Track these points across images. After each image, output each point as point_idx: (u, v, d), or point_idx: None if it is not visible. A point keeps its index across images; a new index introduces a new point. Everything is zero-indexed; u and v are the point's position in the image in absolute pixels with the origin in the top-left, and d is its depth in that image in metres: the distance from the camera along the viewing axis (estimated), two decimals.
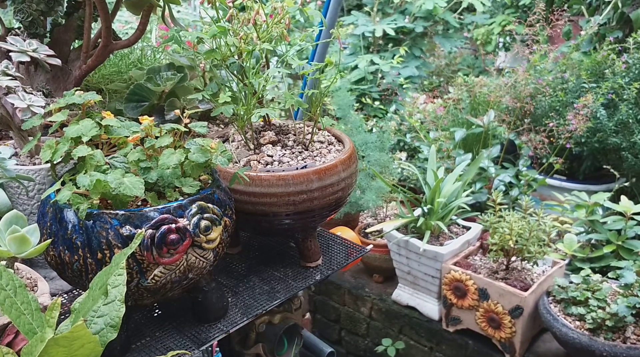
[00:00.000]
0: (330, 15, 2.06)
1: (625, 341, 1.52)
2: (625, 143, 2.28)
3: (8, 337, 0.83)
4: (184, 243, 0.89)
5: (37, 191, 1.10)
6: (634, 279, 1.59)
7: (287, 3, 1.13)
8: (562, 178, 2.56)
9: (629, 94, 2.28)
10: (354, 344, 2.43)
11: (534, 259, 1.78)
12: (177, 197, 0.94)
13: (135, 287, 0.91)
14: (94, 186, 0.88)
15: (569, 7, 3.05)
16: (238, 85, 1.16)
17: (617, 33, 2.73)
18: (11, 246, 0.91)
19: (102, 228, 0.87)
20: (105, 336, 0.76)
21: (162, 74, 1.34)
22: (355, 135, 2.34)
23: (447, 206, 1.99)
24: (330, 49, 3.59)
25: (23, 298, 0.75)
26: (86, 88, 1.35)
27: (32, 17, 1.19)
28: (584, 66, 2.52)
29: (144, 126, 0.97)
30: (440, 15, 3.89)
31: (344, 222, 2.35)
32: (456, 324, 1.96)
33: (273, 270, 1.24)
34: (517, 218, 1.78)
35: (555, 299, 1.70)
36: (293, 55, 1.18)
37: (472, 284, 1.83)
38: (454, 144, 2.45)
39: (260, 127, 1.28)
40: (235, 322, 1.07)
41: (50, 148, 0.95)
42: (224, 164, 0.98)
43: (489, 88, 2.61)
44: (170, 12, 1.30)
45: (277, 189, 1.09)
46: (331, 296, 2.47)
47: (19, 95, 1.04)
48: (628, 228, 1.87)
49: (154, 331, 1.05)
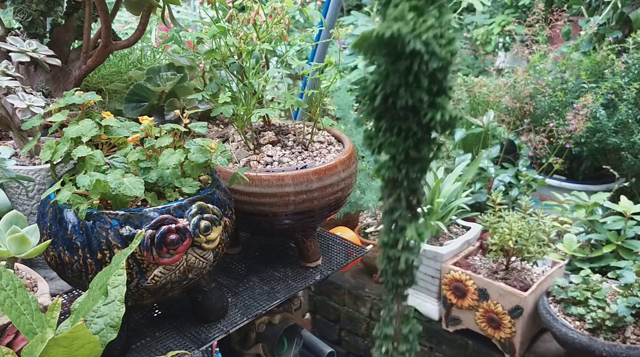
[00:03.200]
0: (329, 16, 2.06)
1: (625, 341, 1.53)
2: (624, 143, 2.28)
3: (8, 337, 0.83)
4: (183, 243, 0.89)
5: (37, 191, 1.10)
6: (633, 279, 1.59)
7: (286, 3, 1.13)
8: (562, 178, 2.56)
9: (628, 94, 2.28)
10: (354, 344, 2.43)
11: (533, 259, 1.78)
12: (177, 197, 0.94)
13: (135, 287, 0.91)
14: (94, 186, 0.88)
15: (569, 7, 3.05)
16: (238, 85, 1.16)
17: (617, 33, 2.73)
18: (11, 246, 0.91)
19: (101, 228, 0.87)
20: (105, 336, 0.76)
21: (161, 74, 1.34)
22: (355, 136, 2.34)
23: (446, 206, 1.99)
24: (330, 49, 3.59)
25: (23, 298, 0.75)
26: (86, 88, 1.35)
27: (32, 17, 1.19)
28: (583, 66, 2.52)
29: (144, 126, 0.97)
30: None
31: (343, 222, 2.35)
32: (456, 324, 1.96)
33: (273, 270, 1.24)
34: (517, 218, 1.78)
35: (555, 299, 1.70)
36: (293, 56, 1.18)
37: (471, 284, 1.83)
38: (454, 144, 2.45)
39: (260, 127, 1.28)
40: (235, 322, 1.07)
41: (50, 148, 0.95)
42: (224, 164, 0.98)
43: (489, 88, 2.61)
44: (170, 13, 1.30)
45: (277, 189, 1.09)
46: (331, 296, 2.47)
47: (19, 95, 1.04)
48: (628, 228, 1.87)
49: (153, 331, 1.05)
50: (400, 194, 0.67)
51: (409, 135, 0.64)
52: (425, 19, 0.56)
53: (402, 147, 0.64)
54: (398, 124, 0.63)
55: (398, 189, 0.67)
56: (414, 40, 0.54)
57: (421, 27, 0.54)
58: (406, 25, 0.54)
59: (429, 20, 0.56)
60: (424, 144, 0.65)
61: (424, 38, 0.55)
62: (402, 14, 0.55)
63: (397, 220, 0.68)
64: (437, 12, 0.61)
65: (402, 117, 0.63)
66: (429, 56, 0.57)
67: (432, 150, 0.65)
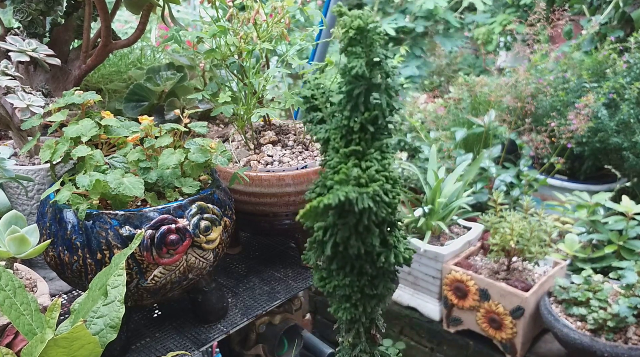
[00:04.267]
0: (330, 15, 2.06)
1: (627, 341, 1.52)
2: (626, 143, 2.28)
3: (7, 337, 0.83)
4: (183, 243, 0.89)
5: (36, 191, 1.10)
6: (635, 279, 1.58)
7: (287, 2, 1.12)
8: (564, 178, 2.55)
9: (630, 93, 2.27)
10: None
11: (535, 260, 1.77)
12: (177, 197, 0.94)
13: (134, 287, 0.90)
14: (94, 186, 0.87)
15: (570, 7, 3.04)
16: (238, 85, 1.16)
17: (618, 32, 2.73)
18: (10, 246, 0.91)
19: (101, 228, 0.87)
20: (105, 336, 0.76)
21: (161, 73, 1.33)
22: None
23: (447, 206, 1.98)
24: (331, 49, 3.59)
25: (22, 299, 0.75)
26: (85, 88, 1.35)
27: (32, 16, 1.18)
28: (585, 66, 2.51)
29: (144, 126, 0.97)
30: (440, 15, 3.89)
31: None
32: (457, 325, 1.96)
33: (273, 270, 1.24)
34: (518, 218, 1.78)
35: (557, 300, 1.70)
36: (293, 55, 1.18)
37: (473, 284, 1.82)
38: (455, 144, 2.45)
39: (260, 127, 1.27)
40: (236, 323, 1.07)
41: (49, 148, 0.95)
42: (224, 164, 0.98)
43: (490, 88, 2.61)
44: (170, 12, 1.30)
45: (277, 189, 1.09)
46: None
47: (18, 95, 1.04)
48: (629, 228, 1.87)
49: (153, 331, 1.05)
50: (359, 329, 0.66)
51: (363, 273, 0.62)
52: (369, 165, 0.56)
53: (356, 286, 0.63)
54: (350, 262, 0.62)
55: (356, 324, 0.66)
56: (361, 201, 0.53)
57: (367, 188, 0.53)
58: (352, 190, 0.53)
59: (373, 167, 0.55)
60: (380, 279, 0.63)
61: (372, 194, 0.54)
62: (347, 174, 0.54)
63: (358, 355, 0.67)
64: (378, 154, 0.59)
65: (355, 258, 0.61)
66: (378, 207, 0.56)
67: (389, 287, 0.64)
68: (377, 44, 0.55)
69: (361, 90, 0.56)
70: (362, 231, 0.57)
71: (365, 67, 0.55)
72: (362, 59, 0.54)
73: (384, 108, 0.57)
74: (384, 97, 0.56)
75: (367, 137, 0.58)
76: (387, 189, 0.57)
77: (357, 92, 0.55)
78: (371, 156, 0.58)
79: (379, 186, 0.54)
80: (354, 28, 0.54)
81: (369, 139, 0.58)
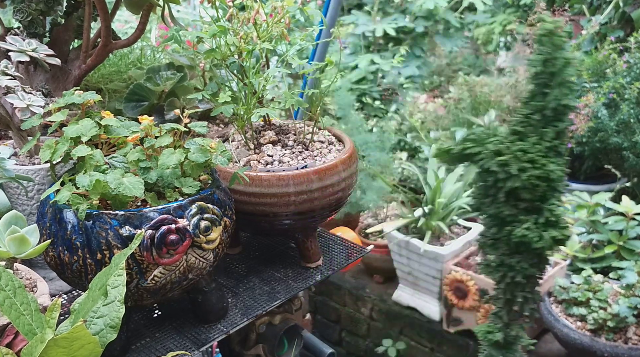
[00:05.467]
0: (330, 15, 2.06)
1: (627, 341, 1.52)
2: (626, 143, 2.27)
3: (7, 337, 0.83)
4: (183, 243, 0.89)
5: (36, 191, 1.10)
6: (635, 279, 1.58)
7: (287, 2, 1.12)
8: None
9: (630, 93, 2.27)
10: (354, 344, 2.43)
11: None
12: (177, 197, 0.94)
13: (134, 287, 0.90)
14: (94, 186, 0.87)
15: (570, 7, 3.04)
16: (238, 85, 1.16)
17: (618, 32, 2.72)
18: (10, 246, 0.91)
19: (101, 228, 0.87)
20: (104, 336, 0.76)
21: (161, 73, 1.33)
22: (355, 135, 2.33)
23: (447, 206, 1.98)
24: (331, 49, 3.58)
25: (22, 299, 0.75)
26: (85, 88, 1.35)
27: (32, 16, 1.18)
28: (585, 66, 2.51)
29: (144, 126, 0.97)
30: (441, 15, 3.89)
31: (344, 222, 2.34)
32: (457, 325, 1.95)
33: (273, 270, 1.24)
34: None
35: (557, 300, 1.70)
36: (293, 55, 1.18)
37: (473, 284, 1.82)
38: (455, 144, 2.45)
39: (260, 127, 1.27)
40: (236, 323, 1.07)
41: (49, 148, 0.95)
42: (224, 164, 0.98)
43: (490, 88, 2.60)
44: (170, 12, 1.30)
45: (277, 189, 1.09)
46: (332, 297, 2.47)
47: (18, 95, 1.04)
48: (629, 228, 1.86)
49: (153, 331, 1.05)
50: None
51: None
52: (521, 141, 0.68)
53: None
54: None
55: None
56: (486, 161, 0.71)
57: (488, 148, 0.67)
58: (474, 146, 0.70)
59: (517, 145, 0.69)
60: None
61: (499, 159, 0.68)
62: (480, 137, 0.71)
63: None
64: (537, 138, 0.81)
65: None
66: (506, 176, 0.72)
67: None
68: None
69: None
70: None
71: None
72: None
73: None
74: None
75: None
76: (523, 167, 0.80)
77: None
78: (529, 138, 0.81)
79: (512, 157, 0.79)
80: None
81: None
